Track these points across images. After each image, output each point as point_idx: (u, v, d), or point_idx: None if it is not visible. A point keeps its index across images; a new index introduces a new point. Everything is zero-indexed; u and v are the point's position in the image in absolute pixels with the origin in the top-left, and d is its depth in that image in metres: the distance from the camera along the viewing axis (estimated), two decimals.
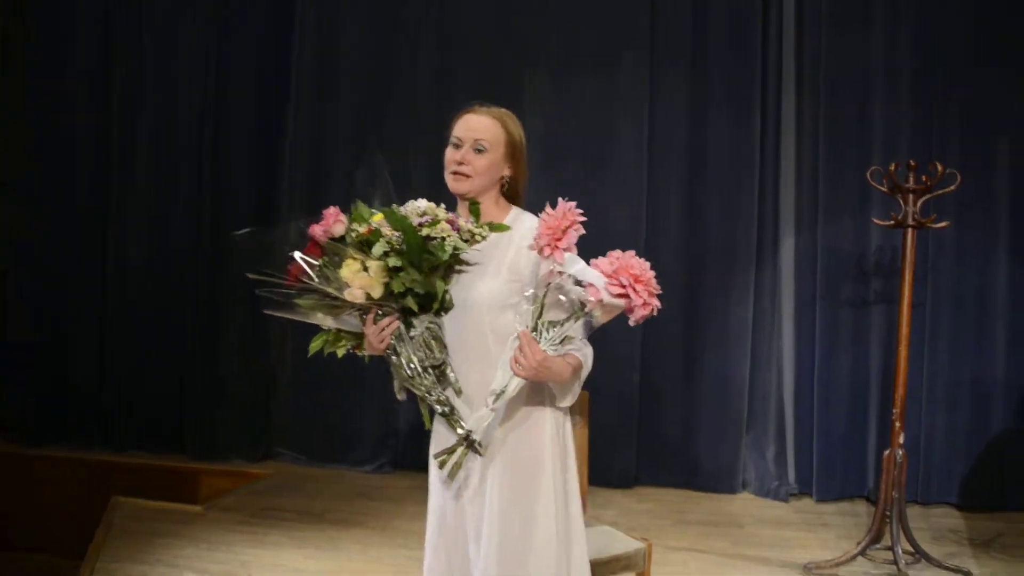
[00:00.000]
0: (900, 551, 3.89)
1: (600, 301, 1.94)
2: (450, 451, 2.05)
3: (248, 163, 5.84)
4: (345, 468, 5.65)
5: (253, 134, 5.85)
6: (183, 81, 5.91)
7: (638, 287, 1.93)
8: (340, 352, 2.20)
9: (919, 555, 4.00)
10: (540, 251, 1.97)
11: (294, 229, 2.13)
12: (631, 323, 1.99)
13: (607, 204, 5.29)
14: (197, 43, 5.86)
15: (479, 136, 2.16)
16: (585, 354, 2.10)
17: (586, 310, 1.99)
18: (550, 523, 2.11)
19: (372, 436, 5.66)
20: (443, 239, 2.05)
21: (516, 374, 1.98)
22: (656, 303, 1.96)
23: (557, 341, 2.00)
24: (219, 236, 5.71)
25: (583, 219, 1.97)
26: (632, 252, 1.98)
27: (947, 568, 3.97)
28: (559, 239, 1.94)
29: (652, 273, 1.96)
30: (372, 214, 2.13)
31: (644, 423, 5.39)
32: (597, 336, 5.83)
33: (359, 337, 2.16)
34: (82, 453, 5.83)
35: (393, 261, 2.03)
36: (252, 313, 5.53)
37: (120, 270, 5.98)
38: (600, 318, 2.02)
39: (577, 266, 1.96)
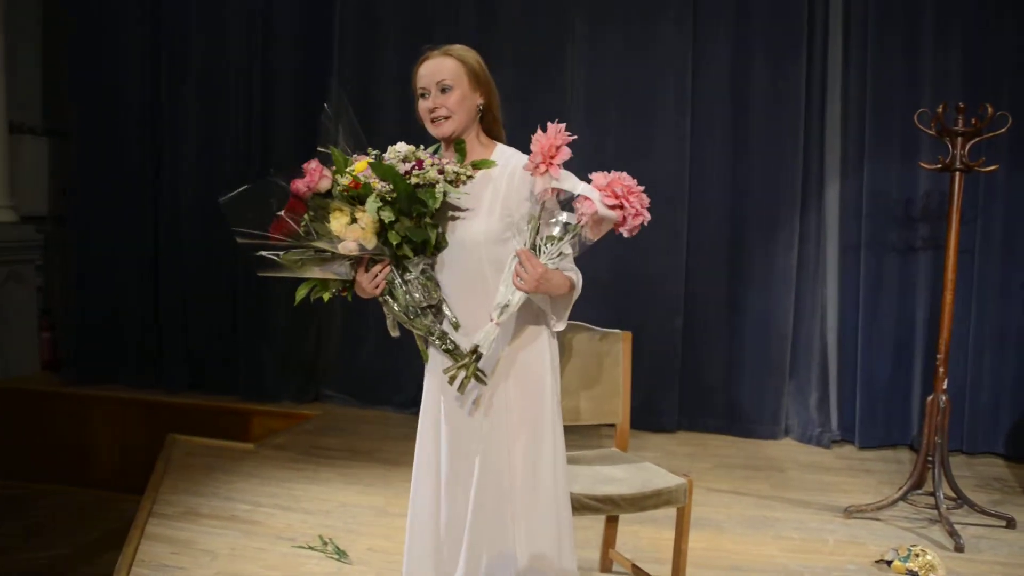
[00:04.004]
0: (942, 496, 3.89)
1: (595, 212, 2.03)
2: (459, 367, 2.12)
3: (296, 104, 5.90)
4: (391, 410, 5.77)
5: (300, 78, 5.90)
6: (231, 30, 5.98)
7: (631, 198, 2.04)
8: (326, 297, 2.23)
9: (961, 501, 4.00)
10: (535, 169, 2.06)
11: (275, 186, 2.13)
12: (625, 234, 2.08)
13: (651, 151, 5.29)
14: None
15: (440, 77, 2.19)
16: (577, 276, 2.19)
17: (581, 224, 2.07)
18: (552, 441, 2.24)
19: (416, 379, 5.73)
20: (432, 186, 2.08)
21: (519, 288, 2.08)
22: (647, 215, 2.07)
23: (555, 255, 2.10)
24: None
25: (573, 138, 2.05)
26: (624, 173, 2.08)
27: (989, 514, 3.97)
28: (553, 156, 2.03)
29: (641, 188, 2.07)
30: (348, 159, 2.14)
31: (687, 368, 5.42)
32: (641, 280, 5.81)
33: (347, 282, 2.21)
34: (136, 393, 6.01)
35: (387, 215, 2.05)
36: None
37: (172, 215, 6.12)
38: (590, 235, 2.10)
39: (570, 181, 2.07)
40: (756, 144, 5.28)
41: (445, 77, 2.19)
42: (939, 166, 3.99)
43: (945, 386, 3.98)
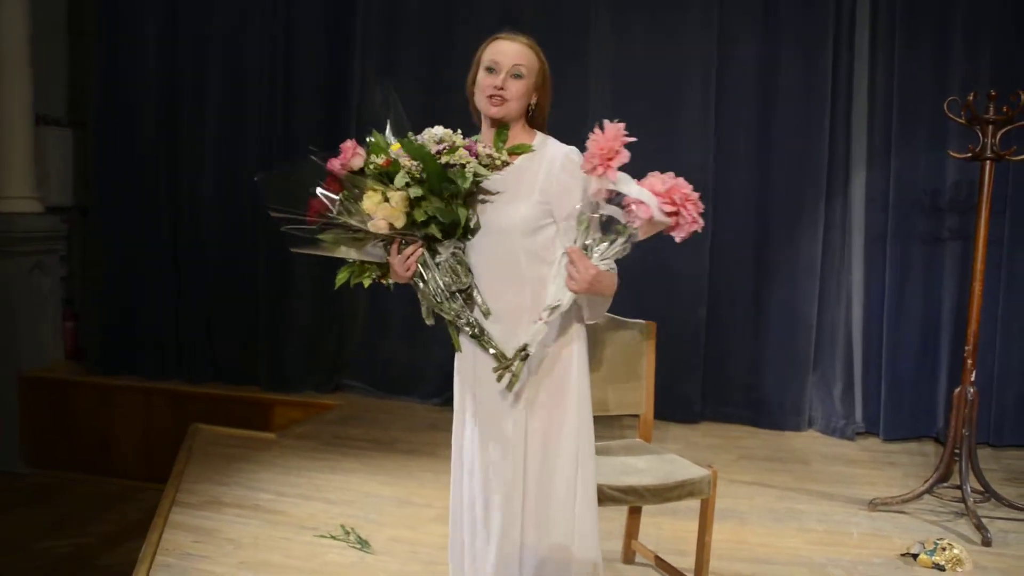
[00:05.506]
0: (969, 489, 3.85)
1: (651, 218, 2.00)
2: (507, 365, 2.10)
3: (318, 97, 5.89)
4: (413, 401, 5.78)
5: (321, 71, 5.90)
6: (251, 28, 5.98)
7: (688, 205, 2.00)
8: (366, 282, 2.25)
9: (988, 494, 3.96)
10: (592, 170, 2.01)
11: (312, 165, 2.15)
12: (677, 240, 2.05)
13: (675, 141, 5.25)
14: None
15: (517, 61, 2.16)
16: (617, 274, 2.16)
17: (635, 226, 2.03)
18: (576, 432, 2.21)
19: (439, 370, 5.75)
20: (463, 166, 2.07)
21: (570, 288, 2.05)
22: (701, 222, 2.03)
23: (609, 256, 2.07)
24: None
25: (632, 139, 2.00)
26: (671, 173, 2.03)
27: (1018, 507, 3.91)
28: (611, 158, 1.98)
29: (697, 195, 2.03)
30: (389, 144, 2.15)
31: (710, 358, 5.39)
32: (665, 270, 5.74)
33: (383, 267, 2.21)
34: (158, 383, 6.05)
35: (415, 191, 2.06)
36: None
37: (193, 205, 6.13)
38: (640, 236, 2.07)
39: (627, 184, 2.02)
40: (781, 134, 5.22)
41: (522, 63, 2.16)
42: (969, 155, 3.93)
43: (973, 378, 3.93)
